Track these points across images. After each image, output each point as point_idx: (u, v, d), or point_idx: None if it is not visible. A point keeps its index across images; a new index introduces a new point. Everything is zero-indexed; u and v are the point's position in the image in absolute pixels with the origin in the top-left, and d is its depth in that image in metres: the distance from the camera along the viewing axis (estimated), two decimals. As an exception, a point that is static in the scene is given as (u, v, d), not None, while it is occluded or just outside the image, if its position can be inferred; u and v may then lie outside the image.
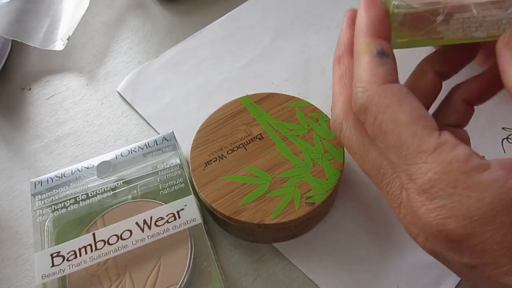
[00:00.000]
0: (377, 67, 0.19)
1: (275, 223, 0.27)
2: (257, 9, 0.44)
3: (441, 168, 0.16)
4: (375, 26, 0.20)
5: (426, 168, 0.17)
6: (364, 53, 0.20)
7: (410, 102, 0.18)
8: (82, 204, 0.29)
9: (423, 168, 0.17)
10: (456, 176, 0.16)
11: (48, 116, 0.38)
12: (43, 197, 0.30)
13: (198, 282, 0.27)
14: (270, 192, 0.28)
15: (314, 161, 0.29)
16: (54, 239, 0.28)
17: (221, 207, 0.27)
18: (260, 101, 0.32)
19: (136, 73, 0.40)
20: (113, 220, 0.28)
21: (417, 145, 0.17)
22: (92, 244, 0.27)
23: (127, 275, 0.27)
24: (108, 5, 0.46)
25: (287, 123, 0.31)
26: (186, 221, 0.28)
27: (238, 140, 0.30)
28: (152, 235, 0.27)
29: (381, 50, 0.20)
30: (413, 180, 0.17)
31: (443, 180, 0.16)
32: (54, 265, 0.26)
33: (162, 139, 0.32)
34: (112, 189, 0.30)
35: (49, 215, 0.29)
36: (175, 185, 0.30)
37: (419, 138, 0.17)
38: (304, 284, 0.28)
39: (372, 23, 0.20)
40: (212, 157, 0.30)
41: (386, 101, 0.18)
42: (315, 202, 0.27)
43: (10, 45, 0.41)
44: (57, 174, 0.31)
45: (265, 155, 0.30)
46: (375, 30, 0.20)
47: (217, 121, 0.31)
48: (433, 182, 0.17)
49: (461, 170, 0.16)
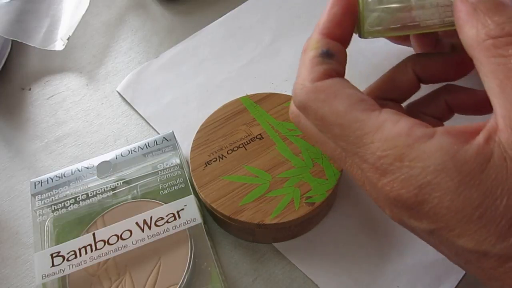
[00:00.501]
0: (317, 65, 0.20)
1: (275, 223, 0.27)
2: (257, 9, 0.44)
3: (386, 145, 0.17)
4: (331, 26, 0.21)
5: (374, 147, 0.18)
6: (310, 50, 0.21)
7: (345, 90, 0.19)
8: (82, 204, 0.29)
9: (372, 148, 0.18)
10: (401, 150, 0.17)
11: (48, 116, 0.38)
12: (43, 197, 0.30)
13: (198, 282, 0.27)
14: (270, 192, 0.28)
15: (314, 161, 0.29)
16: (54, 239, 0.28)
17: (221, 207, 0.27)
18: (260, 101, 0.32)
19: (136, 73, 0.40)
20: (113, 220, 0.28)
21: (360, 129, 0.18)
22: (92, 244, 0.27)
23: (127, 275, 0.27)
24: (108, 5, 0.46)
25: (287, 123, 0.31)
26: (186, 221, 0.28)
27: (238, 140, 0.30)
28: (152, 235, 0.27)
29: (327, 51, 0.20)
30: (365, 160, 0.18)
31: (390, 156, 0.17)
32: (54, 265, 0.26)
33: (162, 139, 0.32)
34: (112, 189, 0.30)
35: (49, 215, 0.29)
36: (175, 185, 0.30)
37: (360, 122, 0.18)
38: (304, 284, 0.28)
39: (329, 22, 0.21)
40: (212, 157, 0.30)
41: (322, 96, 0.19)
42: (315, 202, 0.27)
43: (10, 45, 0.41)
44: (57, 174, 0.31)
45: (265, 155, 0.30)
46: (329, 30, 0.21)
47: (217, 121, 0.31)
48: (383, 159, 0.17)
49: (405, 144, 0.17)
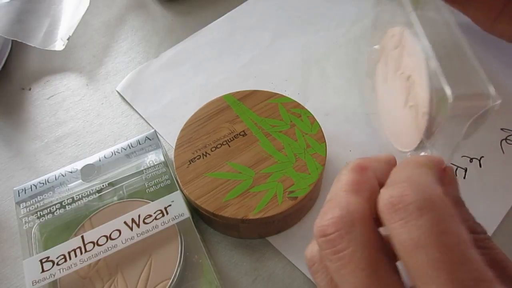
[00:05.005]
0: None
1: (259, 217, 0.27)
2: (257, 9, 0.44)
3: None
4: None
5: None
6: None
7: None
8: (68, 209, 0.29)
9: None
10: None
11: (48, 116, 0.38)
12: (28, 204, 0.30)
13: (190, 275, 0.27)
14: (254, 187, 0.28)
15: (296, 156, 0.29)
16: (42, 246, 0.28)
17: (205, 203, 0.28)
18: (243, 99, 0.33)
19: (136, 73, 0.40)
20: (101, 222, 0.28)
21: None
22: (81, 247, 0.27)
23: (119, 274, 0.27)
24: (108, 5, 0.46)
25: (270, 120, 0.31)
26: (174, 216, 0.28)
27: (221, 138, 0.31)
28: (141, 232, 0.27)
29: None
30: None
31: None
32: (44, 270, 0.26)
33: (145, 139, 0.32)
34: (97, 192, 0.30)
35: (35, 222, 0.29)
36: (161, 183, 0.30)
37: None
38: (304, 284, 0.28)
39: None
40: (196, 154, 0.30)
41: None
42: (298, 196, 0.28)
43: (10, 45, 0.41)
44: (41, 180, 0.31)
45: (248, 151, 0.30)
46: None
47: (201, 119, 0.32)
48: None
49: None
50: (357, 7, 0.43)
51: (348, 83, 0.38)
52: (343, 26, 0.42)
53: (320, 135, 0.30)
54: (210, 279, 0.27)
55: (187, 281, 0.27)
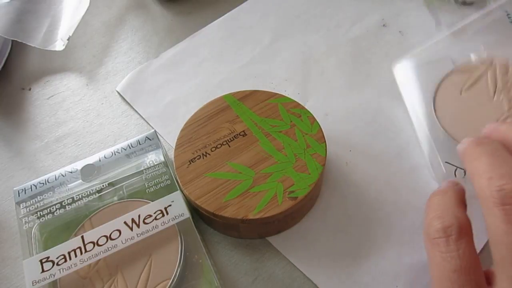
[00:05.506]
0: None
1: (259, 218, 0.27)
2: (257, 9, 0.44)
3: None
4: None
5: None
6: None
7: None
8: (68, 209, 0.29)
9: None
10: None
11: (48, 116, 0.38)
12: (28, 204, 0.30)
13: (190, 275, 0.27)
14: (254, 187, 0.28)
15: (296, 156, 0.29)
16: (42, 246, 0.28)
17: (205, 203, 0.28)
18: (243, 99, 0.33)
19: (136, 73, 0.40)
20: (101, 222, 0.28)
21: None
22: (81, 247, 0.27)
23: (119, 274, 0.27)
24: (108, 5, 0.46)
25: (270, 120, 0.31)
26: (174, 216, 0.28)
27: (221, 138, 0.31)
28: (141, 233, 0.27)
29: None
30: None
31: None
32: (44, 270, 0.26)
33: (145, 139, 0.32)
34: (97, 192, 0.30)
35: (35, 222, 0.29)
36: (161, 183, 0.30)
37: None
38: (304, 284, 0.28)
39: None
40: (196, 155, 0.30)
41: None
42: (298, 196, 0.28)
43: (10, 45, 0.41)
44: (41, 180, 0.31)
45: (249, 151, 0.30)
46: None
47: (201, 119, 0.32)
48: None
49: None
50: (357, 7, 0.43)
51: (348, 83, 0.38)
52: (343, 26, 0.42)
53: (320, 135, 0.30)
54: (210, 279, 0.27)
55: (187, 281, 0.27)
